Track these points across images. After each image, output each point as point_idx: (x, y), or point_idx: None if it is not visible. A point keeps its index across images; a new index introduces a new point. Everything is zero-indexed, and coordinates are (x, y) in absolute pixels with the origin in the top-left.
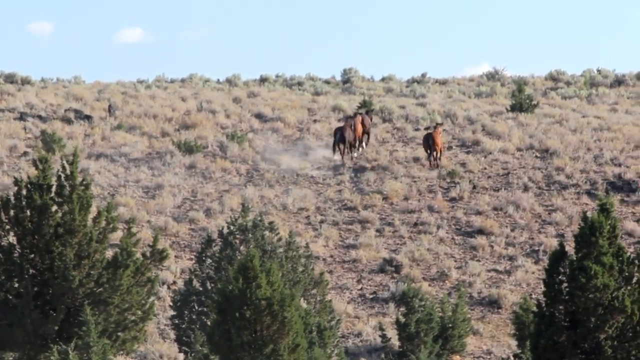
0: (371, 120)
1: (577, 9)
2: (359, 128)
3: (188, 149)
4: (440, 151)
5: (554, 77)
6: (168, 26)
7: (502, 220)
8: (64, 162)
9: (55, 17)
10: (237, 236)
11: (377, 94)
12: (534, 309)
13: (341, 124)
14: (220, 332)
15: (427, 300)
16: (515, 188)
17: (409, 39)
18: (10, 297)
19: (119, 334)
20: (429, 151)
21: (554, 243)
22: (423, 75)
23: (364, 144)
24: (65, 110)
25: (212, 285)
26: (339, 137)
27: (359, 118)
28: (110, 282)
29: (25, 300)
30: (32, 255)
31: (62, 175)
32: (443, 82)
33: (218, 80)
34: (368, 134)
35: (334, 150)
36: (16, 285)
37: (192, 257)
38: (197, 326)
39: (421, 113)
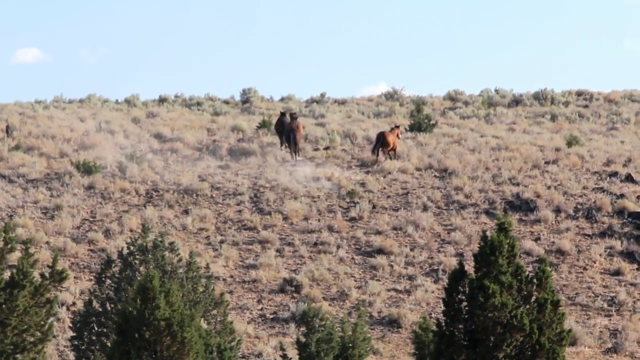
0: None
1: (473, 29)
2: (301, 130)
3: (87, 169)
4: (394, 150)
5: (452, 97)
6: (65, 46)
7: (401, 240)
8: None
9: None
10: (137, 257)
11: (276, 114)
12: (434, 328)
13: (290, 126)
14: (120, 353)
15: (328, 319)
16: (415, 208)
17: (307, 59)
18: None
19: (17, 355)
20: (378, 148)
21: (453, 262)
22: (322, 95)
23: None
24: None
25: (112, 306)
26: (292, 138)
27: (299, 122)
28: (7, 303)
29: None
30: None
31: None
32: (342, 102)
33: (117, 100)
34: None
35: (281, 145)
36: None
37: (92, 278)
38: (97, 347)
39: (320, 133)
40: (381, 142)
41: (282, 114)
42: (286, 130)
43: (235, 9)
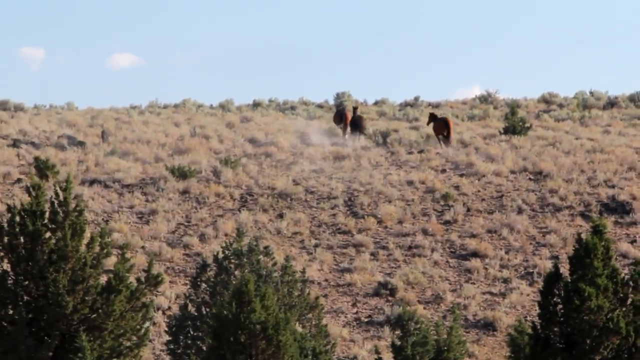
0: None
1: (569, 31)
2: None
3: (182, 174)
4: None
5: (546, 100)
6: (160, 51)
7: (496, 243)
8: (57, 188)
9: (46, 42)
10: (232, 261)
11: (370, 118)
12: (529, 331)
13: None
14: (216, 357)
15: (422, 323)
16: (509, 210)
17: (401, 63)
18: (5, 324)
19: (114, 359)
20: (445, 134)
21: (548, 265)
22: (416, 98)
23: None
24: (59, 137)
25: (208, 310)
26: (359, 125)
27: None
28: (104, 307)
29: (20, 327)
30: (26, 282)
31: (56, 202)
32: (436, 105)
33: (211, 105)
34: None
35: (344, 134)
36: (10, 312)
37: (187, 282)
38: (193, 351)
39: (414, 136)
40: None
41: (339, 107)
42: (354, 118)
43: (326, 13)
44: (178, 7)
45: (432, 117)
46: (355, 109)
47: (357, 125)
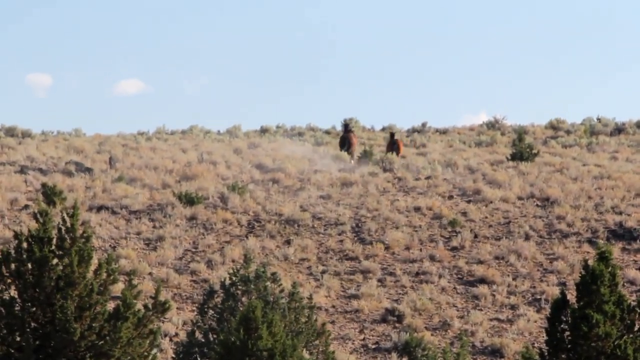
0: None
1: (576, 57)
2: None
3: (189, 200)
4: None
5: (554, 126)
6: (166, 77)
7: (503, 269)
8: (65, 214)
9: (53, 68)
10: (239, 287)
11: (377, 144)
12: (537, 358)
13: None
14: None
15: (430, 349)
16: (517, 237)
17: (408, 89)
18: (12, 351)
19: None
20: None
21: (555, 292)
22: (423, 124)
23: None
24: (66, 163)
25: (215, 336)
26: (347, 143)
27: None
28: (111, 334)
29: (27, 354)
30: (34, 309)
31: (63, 228)
32: (443, 132)
33: (219, 131)
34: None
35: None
36: (17, 339)
37: (194, 308)
38: None
39: (422, 162)
40: (348, 145)
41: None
42: (342, 137)
43: (335, 39)
44: (185, 33)
45: (390, 135)
46: (347, 125)
47: (344, 141)
